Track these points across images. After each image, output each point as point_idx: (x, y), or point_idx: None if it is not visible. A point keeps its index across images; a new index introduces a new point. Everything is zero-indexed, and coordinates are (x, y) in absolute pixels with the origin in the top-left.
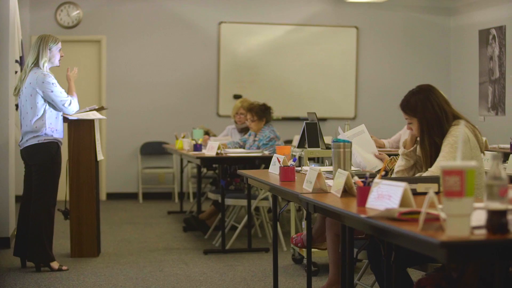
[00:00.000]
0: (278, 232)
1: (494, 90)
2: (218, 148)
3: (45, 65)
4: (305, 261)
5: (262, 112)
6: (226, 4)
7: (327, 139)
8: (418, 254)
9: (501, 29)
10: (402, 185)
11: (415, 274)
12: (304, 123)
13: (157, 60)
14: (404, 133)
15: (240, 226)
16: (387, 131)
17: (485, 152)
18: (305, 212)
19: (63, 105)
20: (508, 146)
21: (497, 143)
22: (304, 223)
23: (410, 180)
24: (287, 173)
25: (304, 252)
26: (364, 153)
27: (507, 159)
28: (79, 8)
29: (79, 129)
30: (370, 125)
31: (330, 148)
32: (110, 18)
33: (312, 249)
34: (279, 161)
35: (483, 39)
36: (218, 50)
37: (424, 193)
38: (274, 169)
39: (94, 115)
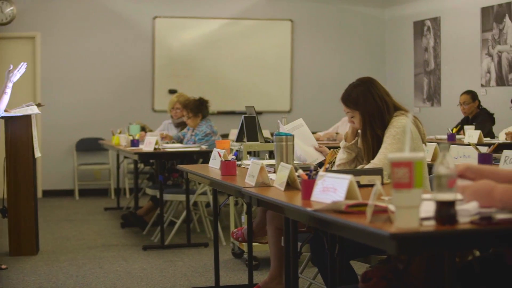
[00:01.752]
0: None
1: (430, 81)
2: (156, 143)
3: None
4: (245, 255)
5: (197, 108)
6: None
7: (265, 133)
8: (362, 247)
9: (436, 21)
10: (348, 177)
11: (356, 266)
12: (243, 117)
13: (92, 56)
14: (341, 125)
15: (178, 222)
16: (323, 124)
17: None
18: (245, 206)
19: None
20: (445, 137)
21: (433, 134)
22: (243, 218)
23: (353, 173)
24: (228, 167)
25: (244, 246)
26: (304, 146)
27: None
28: (13, 5)
29: (16, 126)
30: (305, 118)
31: (269, 142)
32: (45, 15)
33: (253, 243)
34: (220, 156)
35: (418, 30)
36: (153, 45)
37: (368, 185)
38: (214, 163)
39: (31, 110)
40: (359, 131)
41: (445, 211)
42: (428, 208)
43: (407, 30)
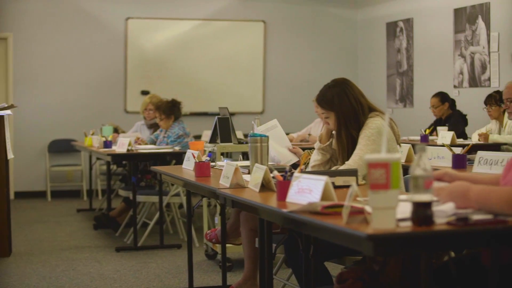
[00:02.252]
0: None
1: (402, 82)
2: (129, 144)
3: None
4: (219, 256)
5: (169, 110)
6: (133, 0)
7: (238, 134)
8: (336, 248)
9: (408, 22)
10: (323, 178)
11: (331, 267)
12: (216, 118)
13: (65, 57)
14: (314, 127)
15: (151, 223)
16: (295, 125)
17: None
18: (218, 207)
19: None
20: (418, 138)
21: (406, 135)
22: (217, 219)
23: (328, 174)
24: (202, 168)
25: (218, 248)
26: (278, 147)
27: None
28: None
29: None
30: (278, 119)
31: (242, 143)
32: (17, 15)
33: (227, 245)
34: (194, 157)
35: (391, 31)
36: (125, 46)
37: (343, 186)
38: (188, 164)
39: (3, 111)
40: (334, 132)
41: (422, 212)
42: (404, 209)
43: (380, 31)
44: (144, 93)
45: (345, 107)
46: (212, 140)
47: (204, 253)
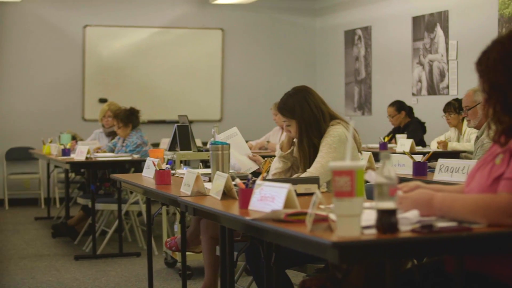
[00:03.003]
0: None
1: (360, 90)
2: (88, 152)
3: None
4: (178, 264)
5: (127, 118)
6: (91, 8)
7: (197, 142)
8: (298, 255)
9: (367, 30)
10: (286, 186)
11: (291, 274)
12: (176, 126)
13: (22, 64)
14: (272, 134)
15: (110, 231)
16: (254, 133)
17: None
18: (177, 215)
19: None
20: (377, 145)
21: (365, 143)
22: (176, 227)
23: (290, 182)
24: (163, 176)
25: (178, 256)
26: (238, 155)
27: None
28: None
29: None
30: (237, 127)
31: (201, 151)
32: None
33: (186, 253)
34: (154, 165)
35: (349, 39)
36: (83, 53)
37: (304, 194)
38: (148, 172)
39: None
40: (295, 140)
41: (386, 219)
42: (369, 217)
43: (338, 39)
44: (102, 101)
45: (306, 114)
46: (172, 148)
47: (163, 261)
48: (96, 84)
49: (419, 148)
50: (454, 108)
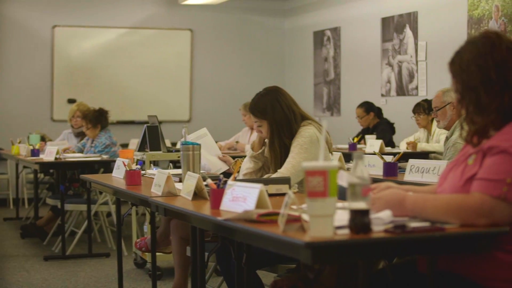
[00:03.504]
0: None
1: (329, 91)
2: (57, 153)
3: None
4: (148, 265)
5: (96, 119)
6: (60, 8)
7: (166, 142)
8: (269, 256)
9: (336, 31)
10: (258, 187)
11: (261, 275)
12: (145, 126)
13: None
14: (242, 135)
15: (80, 232)
16: (222, 133)
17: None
18: (147, 216)
19: None
20: (346, 146)
21: (334, 144)
22: (146, 227)
23: (261, 182)
24: (133, 176)
25: (147, 256)
26: (208, 156)
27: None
28: None
29: None
30: (205, 128)
31: (171, 151)
32: None
33: (156, 253)
34: (124, 165)
35: (318, 40)
36: (52, 54)
37: (275, 195)
38: (118, 173)
39: None
40: (267, 140)
41: (359, 219)
42: (341, 217)
43: (307, 40)
44: (71, 101)
45: (277, 115)
46: (141, 148)
47: (133, 262)
48: (65, 84)
49: (388, 149)
50: (424, 109)
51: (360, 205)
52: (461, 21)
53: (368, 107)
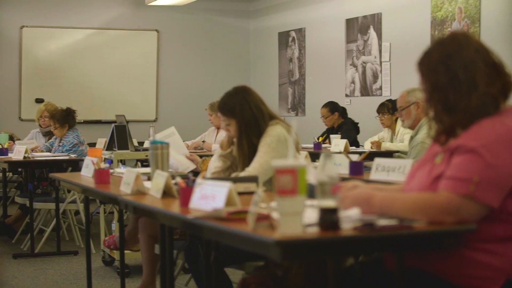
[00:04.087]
0: None
1: (294, 91)
2: (26, 152)
3: None
4: (116, 263)
5: (63, 118)
6: (27, 9)
7: (134, 142)
8: (237, 253)
9: (301, 31)
10: (227, 185)
11: (229, 272)
12: (113, 126)
13: None
14: (208, 135)
15: (48, 230)
16: (189, 133)
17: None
18: (115, 214)
19: None
20: (311, 145)
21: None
22: (114, 225)
23: (229, 180)
24: (102, 175)
25: (116, 254)
26: (176, 155)
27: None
28: None
29: None
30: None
31: (139, 150)
32: None
33: (125, 251)
34: (93, 164)
35: (283, 41)
36: (19, 54)
37: (244, 193)
38: (87, 171)
39: None
40: (235, 139)
41: (328, 217)
42: (311, 215)
43: (272, 40)
44: (39, 101)
45: (246, 114)
46: (109, 147)
47: (101, 260)
48: (32, 84)
49: (352, 148)
50: (388, 109)
51: (329, 203)
52: (424, 22)
53: (332, 107)
